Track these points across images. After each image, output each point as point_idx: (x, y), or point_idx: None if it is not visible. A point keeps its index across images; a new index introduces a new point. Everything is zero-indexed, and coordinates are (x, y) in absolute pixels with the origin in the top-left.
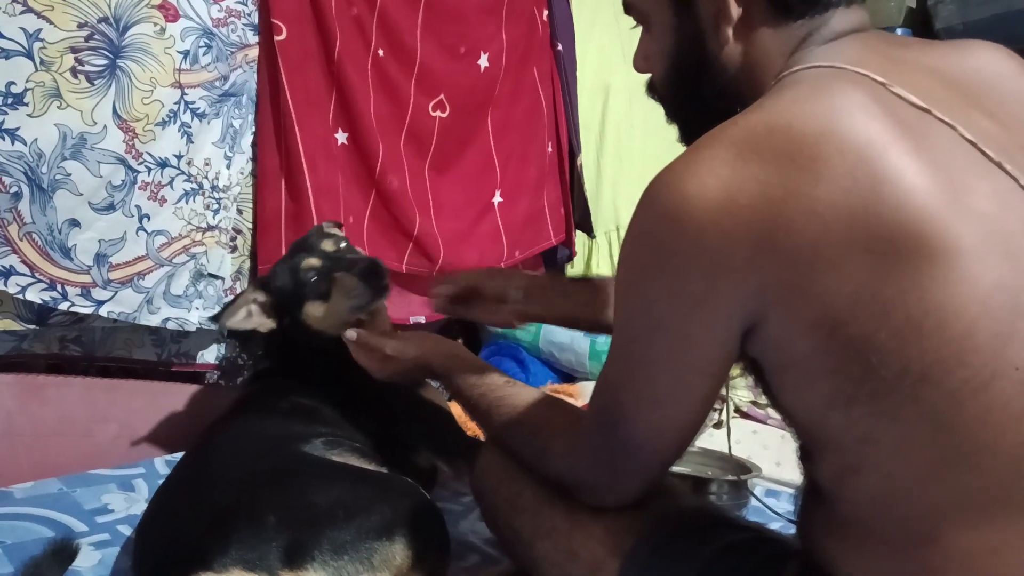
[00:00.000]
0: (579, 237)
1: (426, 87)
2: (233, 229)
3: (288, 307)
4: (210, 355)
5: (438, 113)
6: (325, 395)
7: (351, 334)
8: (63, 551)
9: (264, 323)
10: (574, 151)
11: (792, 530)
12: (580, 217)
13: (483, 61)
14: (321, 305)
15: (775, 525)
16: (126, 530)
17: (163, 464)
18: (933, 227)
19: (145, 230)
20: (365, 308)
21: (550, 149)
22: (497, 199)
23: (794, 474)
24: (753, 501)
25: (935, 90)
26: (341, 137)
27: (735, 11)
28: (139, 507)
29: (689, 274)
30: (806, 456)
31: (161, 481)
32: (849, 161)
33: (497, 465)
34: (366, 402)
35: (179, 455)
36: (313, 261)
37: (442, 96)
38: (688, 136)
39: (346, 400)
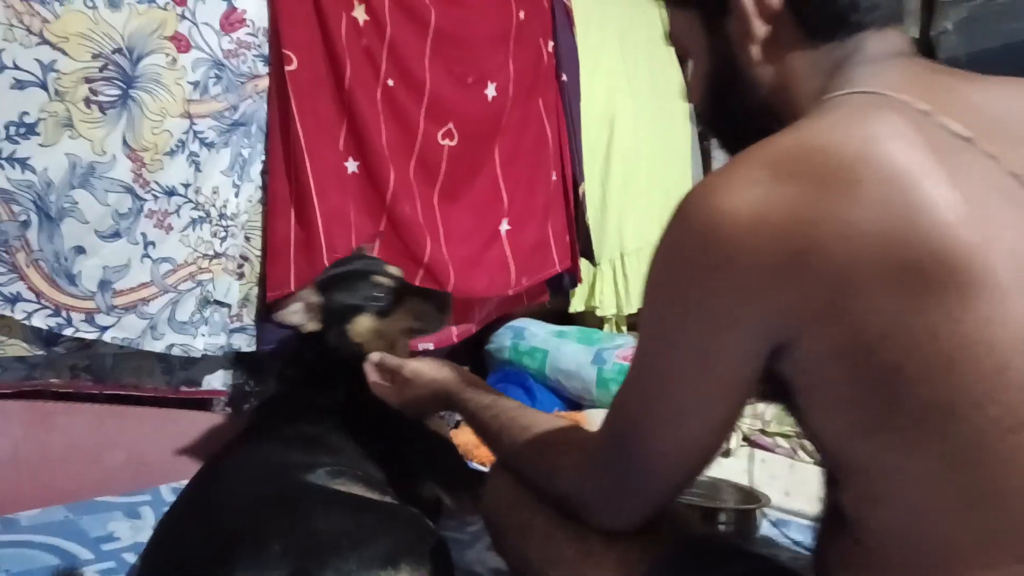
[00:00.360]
0: (583, 265)
1: (435, 116)
2: (240, 256)
3: (338, 314)
4: (217, 381)
5: (447, 142)
6: (336, 415)
7: (375, 356)
8: None
9: (310, 324)
10: (577, 180)
11: (801, 561)
12: (583, 245)
13: (490, 91)
14: (376, 320)
15: (784, 555)
16: (131, 558)
17: (169, 492)
18: (967, 260)
19: (150, 257)
20: (427, 332)
21: (555, 178)
22: (504, 227)
23: (803, 504)
24: (762, 530)
25: (978, 121)
26: (352, 165)
27: (761, 30)
28: (145, 535)
29: (718, 291)
30: (832, 482)
31: (167, 508)
32: (885, 188)
33: (507, 490)
34: (376, 425)
35: (186, 482)
36: (384, 279)
37: (451, 125)
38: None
39: (356, 420)
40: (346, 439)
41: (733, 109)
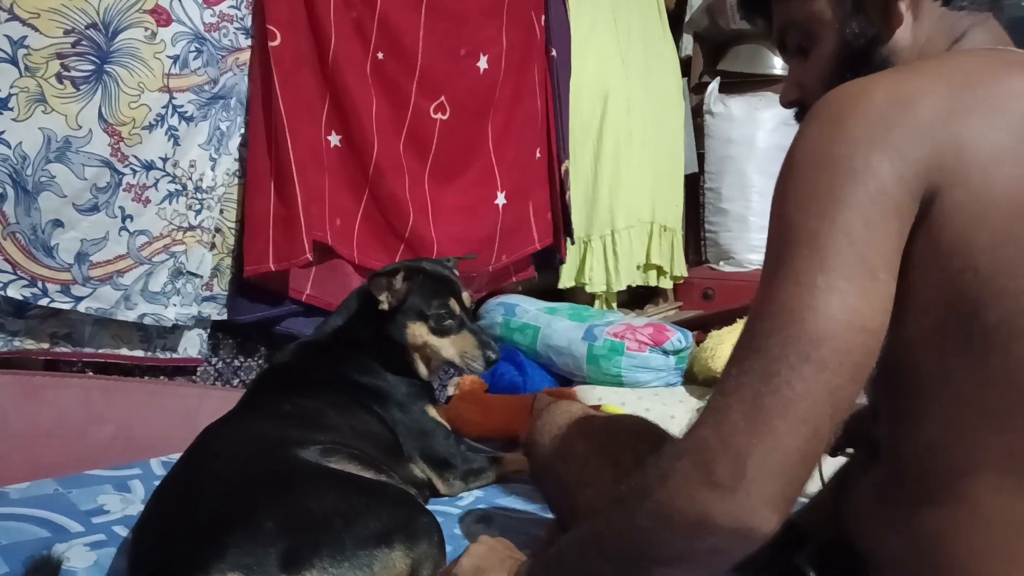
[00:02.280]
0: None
1: (427, 89)
2: (214, 228)
3: (408, 310)
4: (193, 349)
5: (439, 115)
6: (335, 391)
7: None
8: (46, 567)
9: (388, 301)
10: (560, 157)
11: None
12: (565, 223)
13: (482, 63)
14: (430, 336)
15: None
16: (122, 531)
17: (159, 465)
18: None
19: (128, 230)
20: (463, 371)
21: (539, 155)
22: (499, 202)
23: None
24: None
25: None
26: (334, 139)
27: None
28: (135, 508)
29: (881, 151)
30: (874, 414)
31: (157, 482)
32: (1017, 101)
33: (554, 421)
34: (372, 404)
35: (176, 456)
36: (456, 306)
37: (443, 98)
38: None
39: (354, 398)
40: (342, 416)
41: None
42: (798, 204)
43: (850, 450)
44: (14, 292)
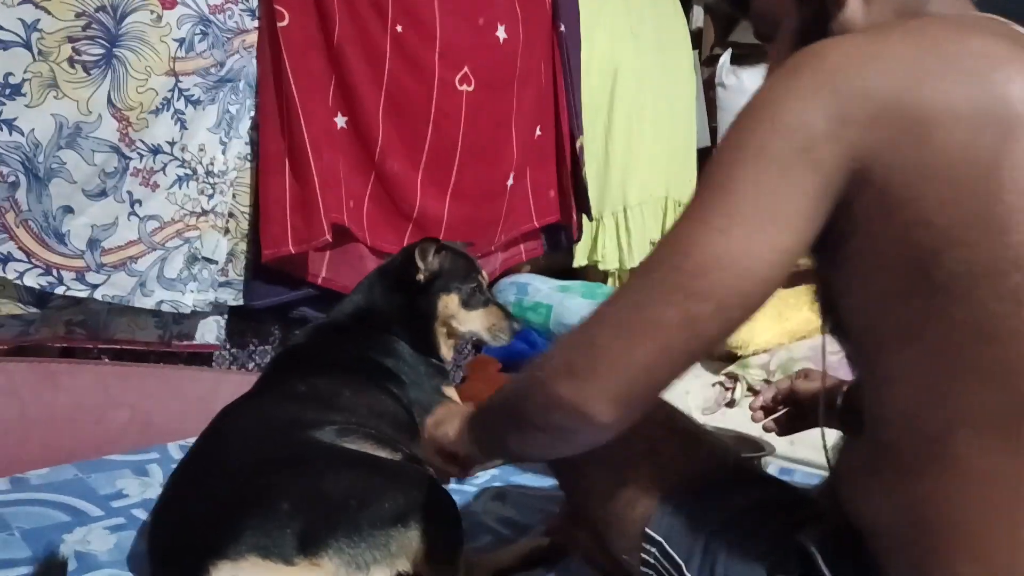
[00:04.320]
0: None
1: (450, 60)
2: (227, 213)
3: (442, 283)
4: (211, 335)
5: (464, 87)
6: (350, 371)
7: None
8: (51, 568)
9: (423, 273)
10: (574, 134)
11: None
12: (580, 200)
13: (501, 33)
14: (460, 309)
15: None
16: (141, 514)
17: (177, 449)
18: None
19: (137, 215)
20: (487, 342)
21: (539, 132)
22: (510, 181)
23: (807, 452)
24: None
25: None
26: (340, 121)
27: None
28: (154, 491)
29: (815, 109)
30: (858, 384)
31: (175, 466)
32: (974, 58)
33: None
34: (387, 384)
35: (193, 440)
36: (483, 280)
37: (467, 69)
38: None
39: (369, 378)
40: (358, 396)
41: None
42: (726, 150)
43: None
44: (31, 281)
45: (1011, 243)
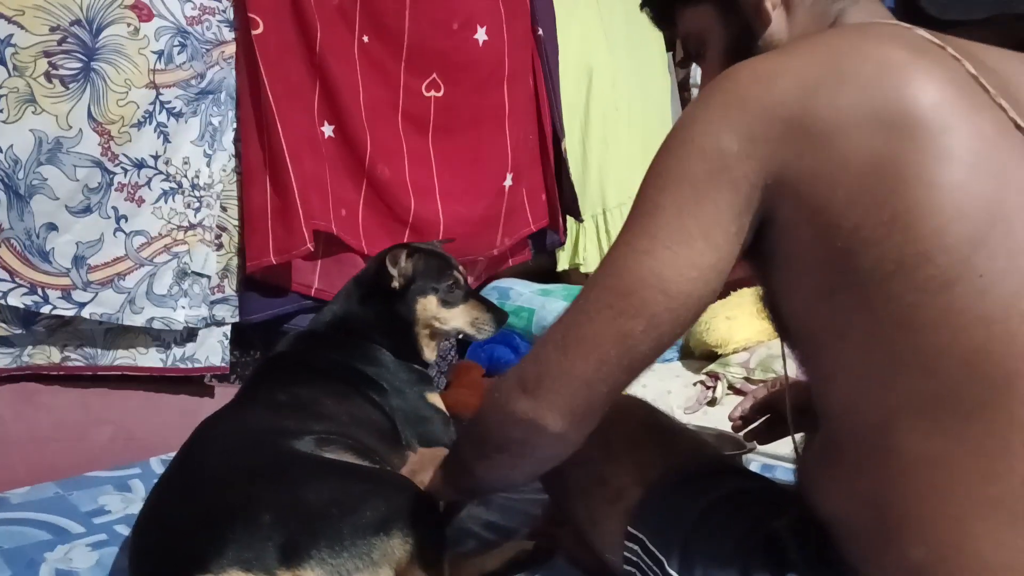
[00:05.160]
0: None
1: (416, 68)
2: (218, 227)
3: (418, 286)
4: (215, 357)
5: (432, 93)
6: (332, 379)
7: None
8: None
9: (398, 280)
10: (558, 136)
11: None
12: (568, 203)
13: (481, 35)
14: (440, 308)
15: None
16: (123, 530)
17: (159, 464)
18: (935, 122)
19: (123, 231)
20: (472, 337)
21: (530, 135)
22: (508, 183)
23: (788, 449)
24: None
25: (973, 62)
26: (328, 130)
27: None
28: (136, 507)
29: (727, 131)
30: (809, 386)
31: (157, 480)
32: (871, 66)
33: None
34: (369, 392)
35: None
36: (460, 275)
37: (435, 75)
38: None
39: (350, 386)
40: (340, 405)
41: None
42: (651, 176)
43: None
44: (15, 300)
45: (918, 237)
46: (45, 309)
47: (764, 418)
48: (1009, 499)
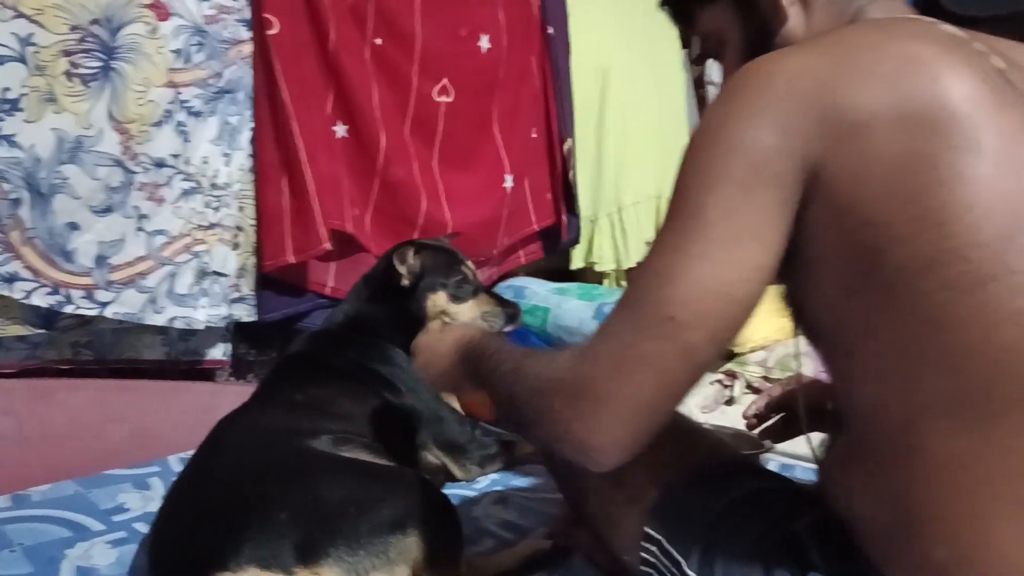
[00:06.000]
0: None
1: (429, 72)
2: (235, 226)
3: (427, 282)
4: (217, 352)
5: (443, 98)
6: (348, 379)
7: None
8: None
9: (407, 277)
10: (564, 136)
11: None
12: (570, 202)
13: (484, 43)
14: (451, 303)
15: None
16: (143, 528)
17: (177, 462)
18: (966, 118)
19: (144, 230)
20: (489, 328)
21: (535, 135)
22: (507, 184)
23: (806, 448)
24: None
25: (1005, 62)
26: (341, 130)
27: None
28: (155, 505)
29: (763, 126)
30: (832, 385)
31: (175, 479)
32: (899, 61)
33: None
34: (385, 391)
35: (193, 452)
36: (468, 270)
37: (446, 80)
38: None
39: (366, 385)
40: (355, 404)
41: None
42: (687, 177)
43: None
44: (39, 300)
45: (949, 234)
46: (68, 309)
47: (779, 416)
48: None
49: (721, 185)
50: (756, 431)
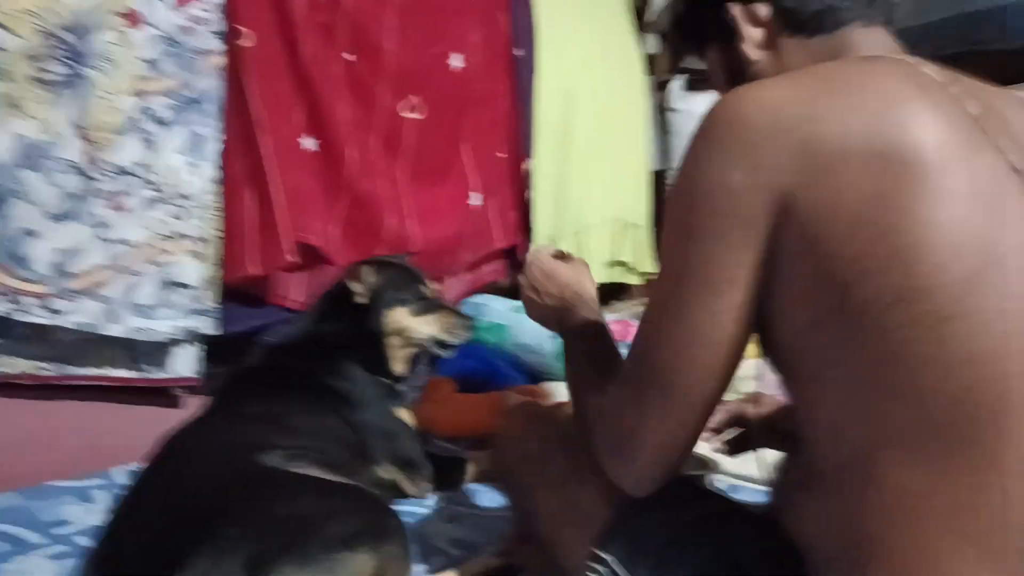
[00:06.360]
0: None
1: (398, 89)
2: (199, 237)
3: (386, 299)
4: (185, 367)
5: (412, 114)
6: (301, 393)
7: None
8: None
9: (363, 295)
10: (525, 156)
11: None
12: (528, 222)
13: (455, 61)
14: (411, 317)
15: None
16: (84, 541)
17: (123, 475)
18: (936, 161)
19: (104, 239)
20: (448, 345)
21: (502, 155)
22: (472, 202)
23: (754, 469)
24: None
25: (979, 105)
26: (310, 143)
27: (754, 33)
28: (97, 518)
29: (730, 164)
30: (792, 409)
31: (120, 491)
32: (876, 100)
33: (518, 425)
34: (338, 407)
35: (138, 465)
36: (427, 289)
37: (418, 98)
38: None
39: (320, 400)
40: (309, 419)
41: None
42: (667, 231)
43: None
44: None
45: (918, 273)
46: (21, 317)
47: (737, 431)
48: (980, 536)
49: (695, 236)
50: (713, 442)
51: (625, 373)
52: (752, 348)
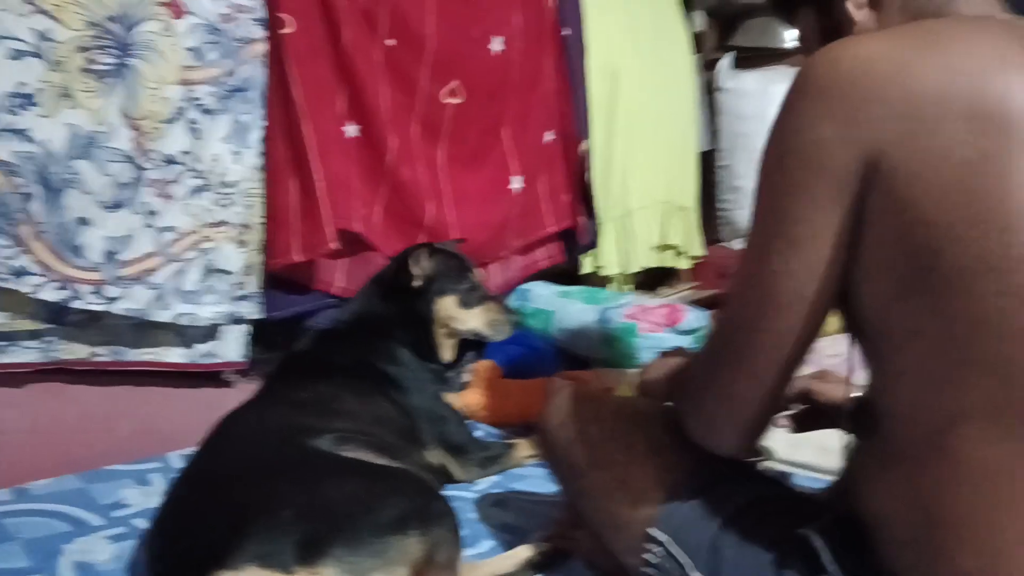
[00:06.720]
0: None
1: (439, 74)
2: (242, 224)
3: (438, 286)
4: (234, 352)
5: (453, 99)
6: (352, 376)
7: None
8: None
9: (419, 280)
10: (580, 137)
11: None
12: (588, 204)
13: (496, 45)
14: (459, 308)
15: None
16: (142, 524)
17: (179, 459)
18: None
19: (153, 226)
20: (489, 338)
21: (550, 137)
22: (514, 186)
23: (810, 456)
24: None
25: None
26: (352, 130)
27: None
28: (155, 501)
29: (820, 117)
30: (870, 386)
31: (176, 475)
32: (979, 60)
33: (567, 405)
34: (388, 390)
35: (192, 449)
36: (477, 277)
37: (457, 82)
38: None
39: (370, 383)
40: (359, 403)
41: None
42: (760, 185)
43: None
44: (47, 295)
45: (1014, 242)
46: (76, 304)
47: (802, 408)
48: None
49: (782, 191)
50: (781, 417)
51: (714, 328)
52: (832, 322)
